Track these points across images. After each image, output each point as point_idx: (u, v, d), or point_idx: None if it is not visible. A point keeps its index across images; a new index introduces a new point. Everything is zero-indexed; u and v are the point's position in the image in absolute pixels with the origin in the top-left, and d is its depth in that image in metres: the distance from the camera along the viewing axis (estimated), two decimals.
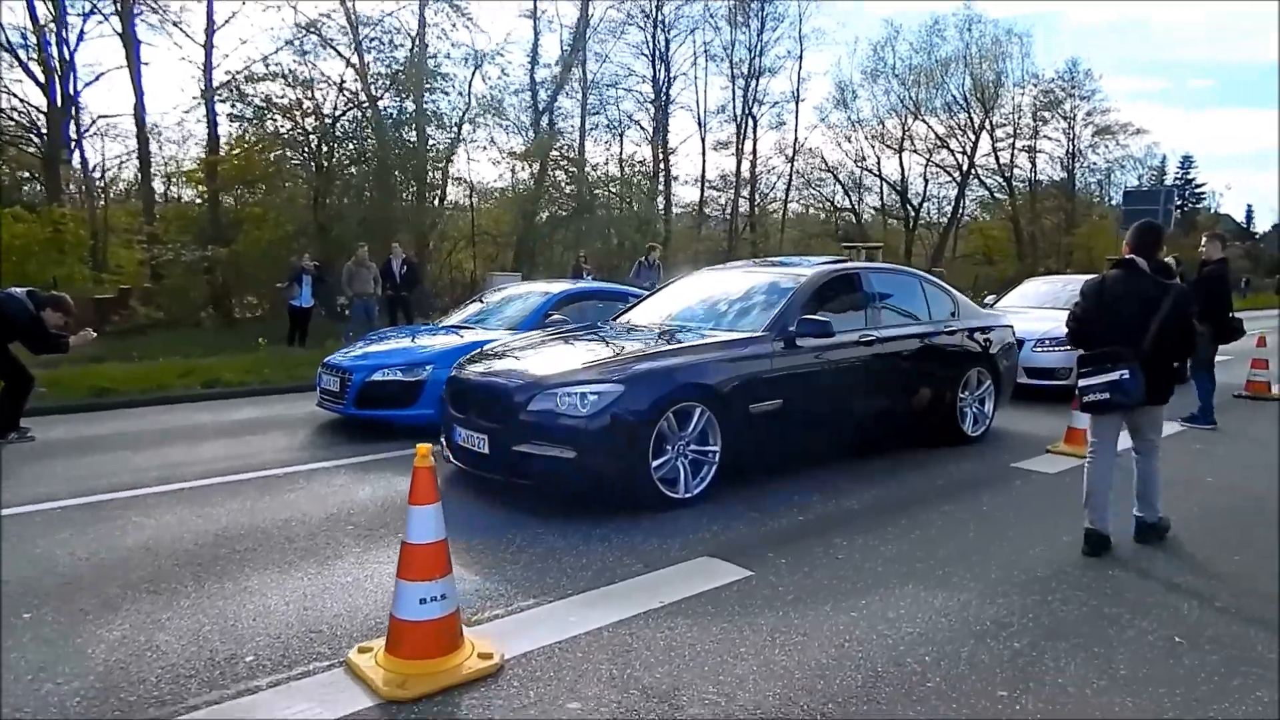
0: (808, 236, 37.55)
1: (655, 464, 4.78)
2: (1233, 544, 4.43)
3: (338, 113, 18.65)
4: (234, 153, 18.28)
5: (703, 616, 3.42)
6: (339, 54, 19.73)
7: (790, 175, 35.85)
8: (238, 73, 18.29)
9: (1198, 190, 55.87)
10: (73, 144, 20.83)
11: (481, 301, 8.61)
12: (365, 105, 19.96)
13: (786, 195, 36.28)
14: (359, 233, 17.78)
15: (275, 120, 18.27)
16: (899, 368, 6.20)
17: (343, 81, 18.85)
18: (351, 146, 19.78)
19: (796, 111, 34.58)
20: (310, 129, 18.39)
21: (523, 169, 23.92)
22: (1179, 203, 52.87)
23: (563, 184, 24.04)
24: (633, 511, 4.73)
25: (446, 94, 20.86)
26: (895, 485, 5.52)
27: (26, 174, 22.01)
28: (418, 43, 20.95)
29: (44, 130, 19.18)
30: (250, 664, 2.97)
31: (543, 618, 3.40)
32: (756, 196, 34.82)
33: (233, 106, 18.17)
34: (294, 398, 8.80)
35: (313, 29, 18.51)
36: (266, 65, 18.11)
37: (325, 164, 19.03)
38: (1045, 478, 5.80)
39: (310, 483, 5.49)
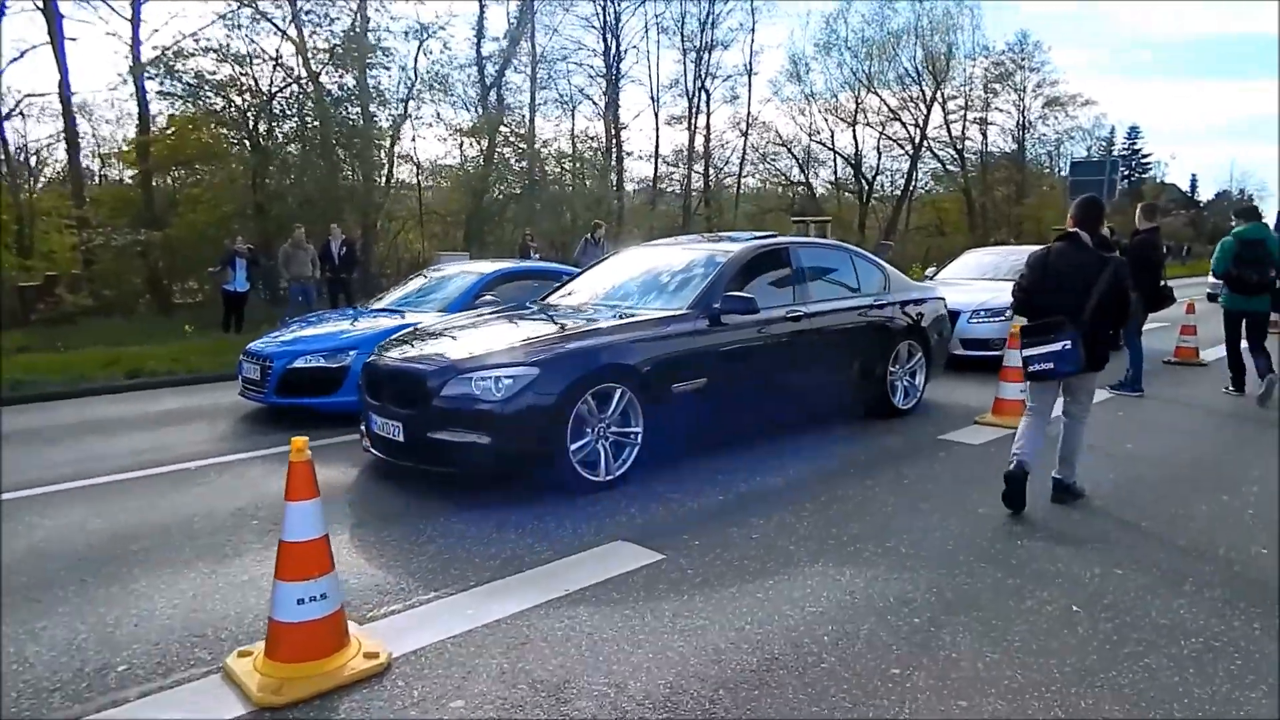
0: (763, 211, 37.54)
1: (574, 447, 4.70)
2: (1142, 512, 4.49)
3: (275, 89, 18.04)
4: (166, 132, 17.63)
5: (606, 604, 3.36)
6: (276, 27, 19.10)
7: (744, 150, 35.78)
8: (167, 48, 17.58)
9: (1144, 160, 57.01)
10: None
11: (413, 284, 8.40)
12: (305, 81, 19.38)
13: (741, 170, 36.19)
14: (300, 213, 17.34)
15: (209, 98, 17.62)
16: (828, 342, 6.18)
17: (279, 57, 18.24)
18: (291, 125, 19.20)
19: (750, 85, 34.50)
20: (246, 106, 17.78)
21: (471, 146, 23.49)
22: (1126, 173, 54.13)
23: (512, 161, 23.66)
24: (551, 497, 4.65)
25: (388, 69, 20.35)
26: (821, 460, 5.51)
27: None
28: (358, 16, 20.37)
29: None
30: (122, 673, 2.83)
31: (441, 612, 3.31)
32: (711, 171, 34.65)
33: (162, 84, 17.46)
34: (222, 386, 8.52)
35: (247, 1, 17.83)
36: (197, 41, 17.43)
37: (264, 142, 18.44)
38: (969, 449, 5.84)
39: (222, 476, 5.31)
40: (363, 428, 5.28)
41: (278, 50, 18.30)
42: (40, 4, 17.38)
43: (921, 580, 3.55)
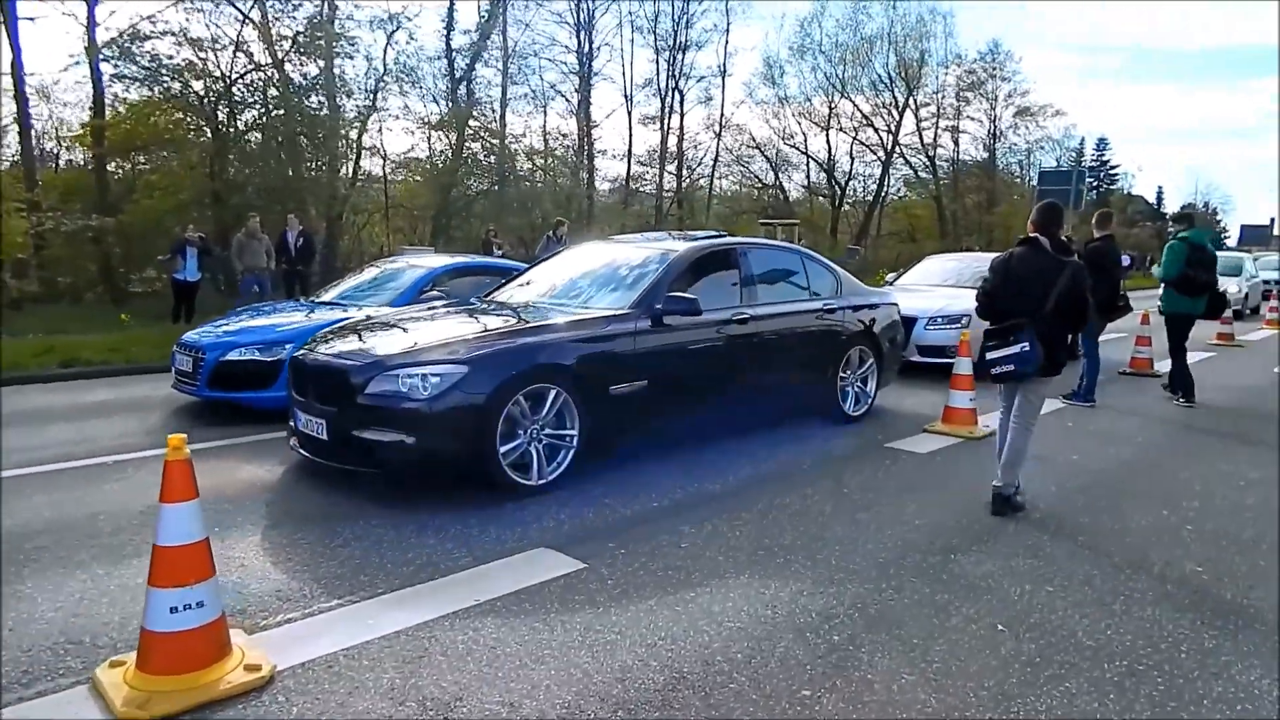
0: (735, 213, 37.50)
1: (505, 449, 4.53)
2: (1079, 525, 4.42)
3: (236, 75, 17.63)
4: (120, 116, 17.17)
5: (515, 615, 3.20)
6: (240, 11, 18.67)
7: (718, 151, 35.71)
8: (124, 30, 17.11)
9: (1112, 171, 57.86)
10: None
11: (362, 276, 8.18)
12: (269, 67, 18.98)
13: (713, 171, 36.12)
14: (259, 203, 16.99)
15: (166, 82, 17.16)
16: (776, 346, 6.07)
17: (240, 42, 17.81)
18: (253, 113, 18.79)
19: (723, 86, 34.37)
20: (205, 92, 17.35)
21: (439, 139, 23.18)
22: (1094, 183, 54.92)
23: (481, 156, 23.37)
24: (480, 500, 4.49)
25: (351, 58, 19.99)
26: (764, 466, 5.39)
27: None
28: (325, 4, 20.00)
29: None
30: None
31: (340, 621, 3.14)
32: (684, 172, 34.56)
33: (116, 66, 16.99)
34: (161, 378, 8.22)
35: None
36: (154, 23, 16.97)
37: (223, 129, 18.01)
38: (915, 458, 5.76)
39: (139, 472, 5.07)
40: (290, 424, 5.08)
41: (238, 35, 17.86)
42: None
43: (847, 595, 3.44)
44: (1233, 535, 4.29)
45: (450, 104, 23.45)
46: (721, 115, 34.53)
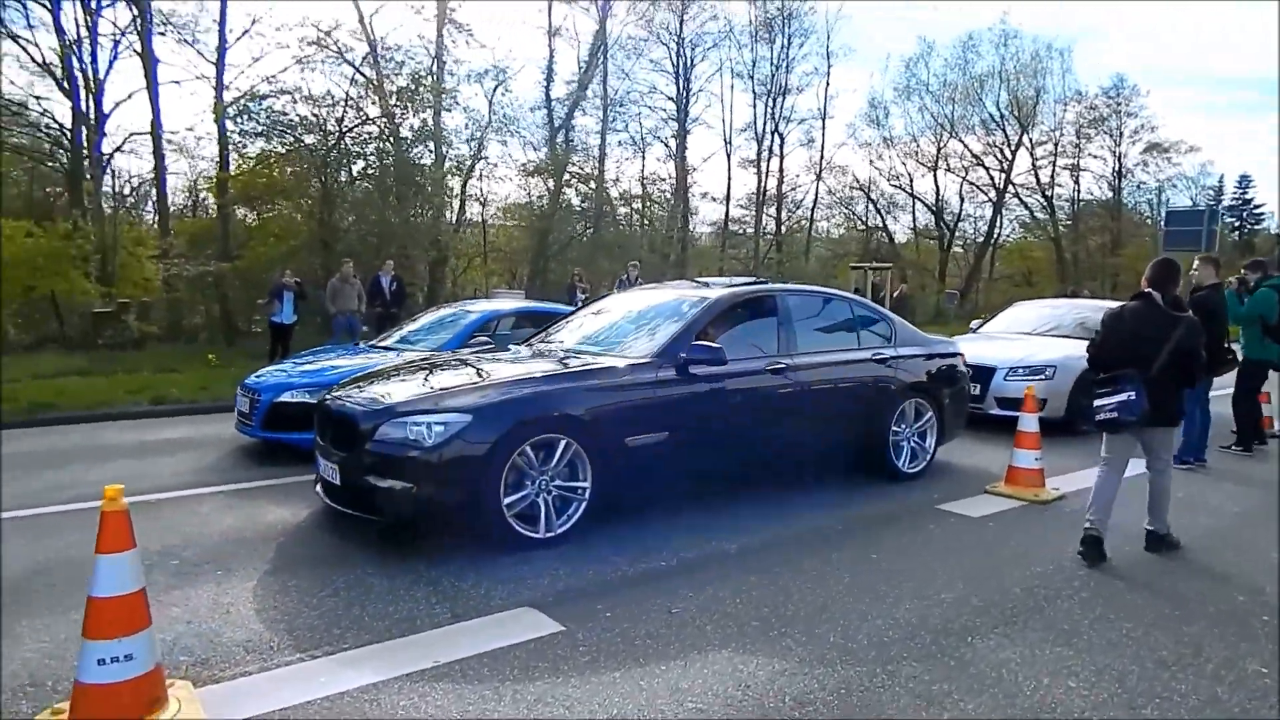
0: (836, 256, 36.86)
1: (509, 500, 4.43)
2: (1129, 609, 3.90)
3: (345, 129, 18.77)
4: (242, 169, 18.55)
5: (471, 680, 3.06)
6: (354, 68, 19.91)
7: (817, 194, 35.23)
8: (248, 90, 18.57)
9: (1256, 211, 53.41)
10: (104, 160, 21.34)
11: (420, 321, 8.38)
12: (380, 120, 20.10)
13: (813, 214, 35.62)
14: (361, 249, 17.85)
15: (282, 136, 18.48)
16: (816, 397, 5.76)
17: (349, 97, 18.97)
18: (362, 164, 19.91)
19: (824, 129, 33.99)
20: (316, 145, 18.55)
21: (538, 186, 23.86)
22: (1235, 223, 50.89)
23: (575, 202, 23.90)
24: (482, 552, 4.40)
25: (449, 110, 20.93)
26: (793, 525, 5.07)
27: (59, 190, 22.71)
28: (435, 61, 21.10)
29: (70, 146, 19.67)
30: None
31: (294, 677, 3.08)
32: (784, 215, 34.23)
33: (237, 123, 18.41)
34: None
35: (324, 44, 18.70)
36: (269, 83, 18.34)
37: (334, 180, 19.16)
38: (965, 522, 5.29)
39: (174, 511, 5.27)
40: (315, 469, 5.17)
41: (346, 93, 19.05)
42: (139, 50, 18.64)
43: (832, 679, 3.12)
44: None
45: (549, 151, 24.14)
46: (822, 157, 34.14)
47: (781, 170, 33.38)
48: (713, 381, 5.21)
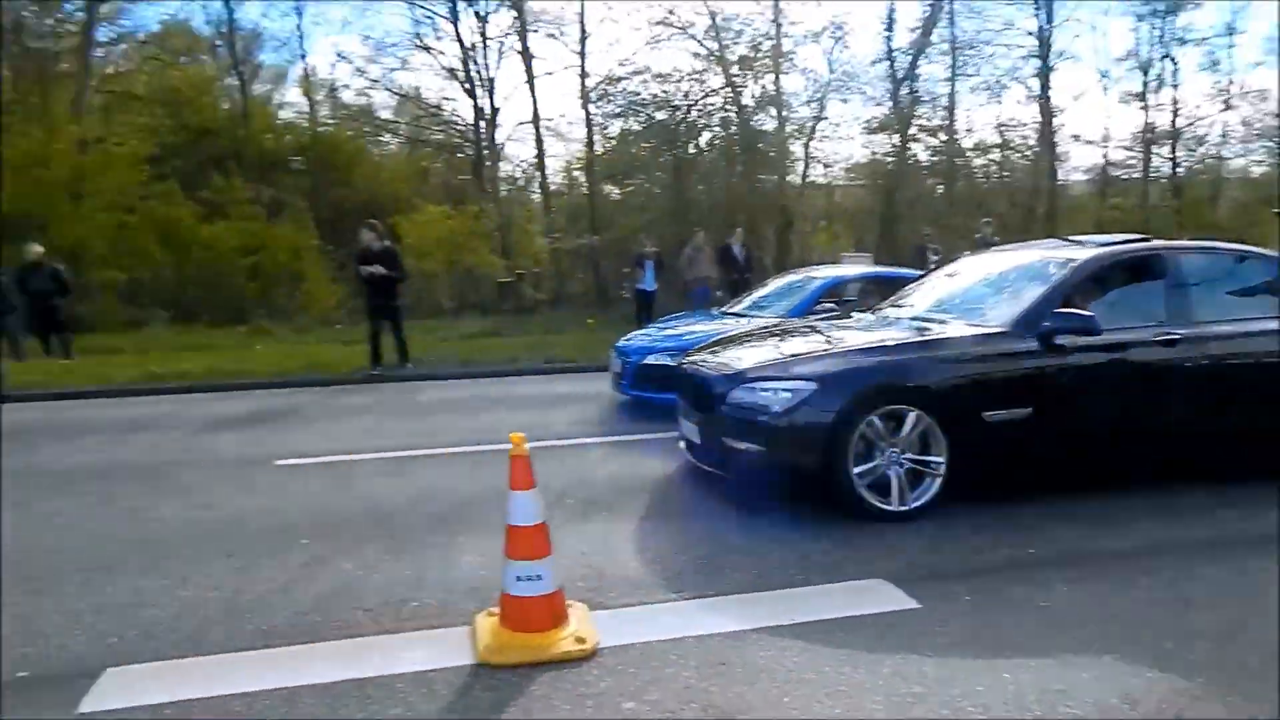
0: (1260, 200, 30.22)
1: (858, 470, 4.43)
2: None
3: (692, 102, 19.81)
4: (605, 149, 20.49)
5: (826, 643, 3.16)
6: (697, 40, 20.76)
7: (1226, 127, 29.03)
8: (606, 75, 20.44)
9: None
10: (500, 148, 24.88)
11: (769, 287, 8.62)
12: (724, 89, 20.80)
13: (1221, 152, 29.49)
14: (710, 218, 18.74)
15: (636, 114, 20.07)
16: (1219, 376, 4.87)
17: (694, 71, 19.95)
18: (709, 134, 20.85)
19: (1231, 45, 27.72)
20: (668, 120, 19.81)
21: (882, 142, 22.93)
22: None
23: (926, 157, 22.54)
24: (832, 519, 4.47)
25: (788, 73, 20.93)
26: (1193, 528, 4.37)
27: (468, 176, 27.00)
28: (773, 24, 21.22)
29: (475, 138, 23.25)
30: (415, 609, 3.49)
31: (669, 613, 3.44)
32: (1180, 154, 28.85)
33: (598, 106, 20.35)
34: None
35: (669, 23, 19.86)
36: (623, 65, 19.97)
37: (684, 152, 20.34)
38: None
39: (570, 457, 6.09)
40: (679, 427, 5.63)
41: (691, 67, 20.04)
42: (519, 48, 21.35)
43: (1245, 712, 2.69)
44: None
45: (893, 105, 23.03)
46: (1231, 82, 28.01)
47: (1175, 102, 28.05)
48: (1084, 353, 4.67)
